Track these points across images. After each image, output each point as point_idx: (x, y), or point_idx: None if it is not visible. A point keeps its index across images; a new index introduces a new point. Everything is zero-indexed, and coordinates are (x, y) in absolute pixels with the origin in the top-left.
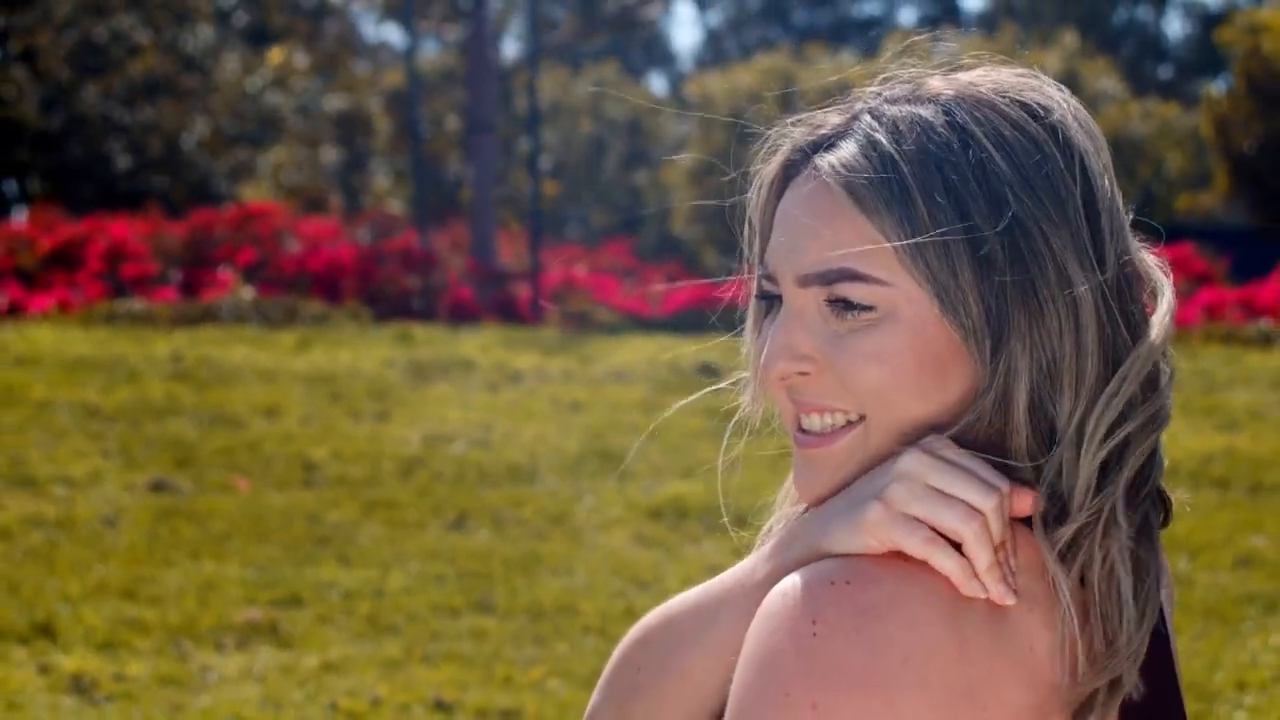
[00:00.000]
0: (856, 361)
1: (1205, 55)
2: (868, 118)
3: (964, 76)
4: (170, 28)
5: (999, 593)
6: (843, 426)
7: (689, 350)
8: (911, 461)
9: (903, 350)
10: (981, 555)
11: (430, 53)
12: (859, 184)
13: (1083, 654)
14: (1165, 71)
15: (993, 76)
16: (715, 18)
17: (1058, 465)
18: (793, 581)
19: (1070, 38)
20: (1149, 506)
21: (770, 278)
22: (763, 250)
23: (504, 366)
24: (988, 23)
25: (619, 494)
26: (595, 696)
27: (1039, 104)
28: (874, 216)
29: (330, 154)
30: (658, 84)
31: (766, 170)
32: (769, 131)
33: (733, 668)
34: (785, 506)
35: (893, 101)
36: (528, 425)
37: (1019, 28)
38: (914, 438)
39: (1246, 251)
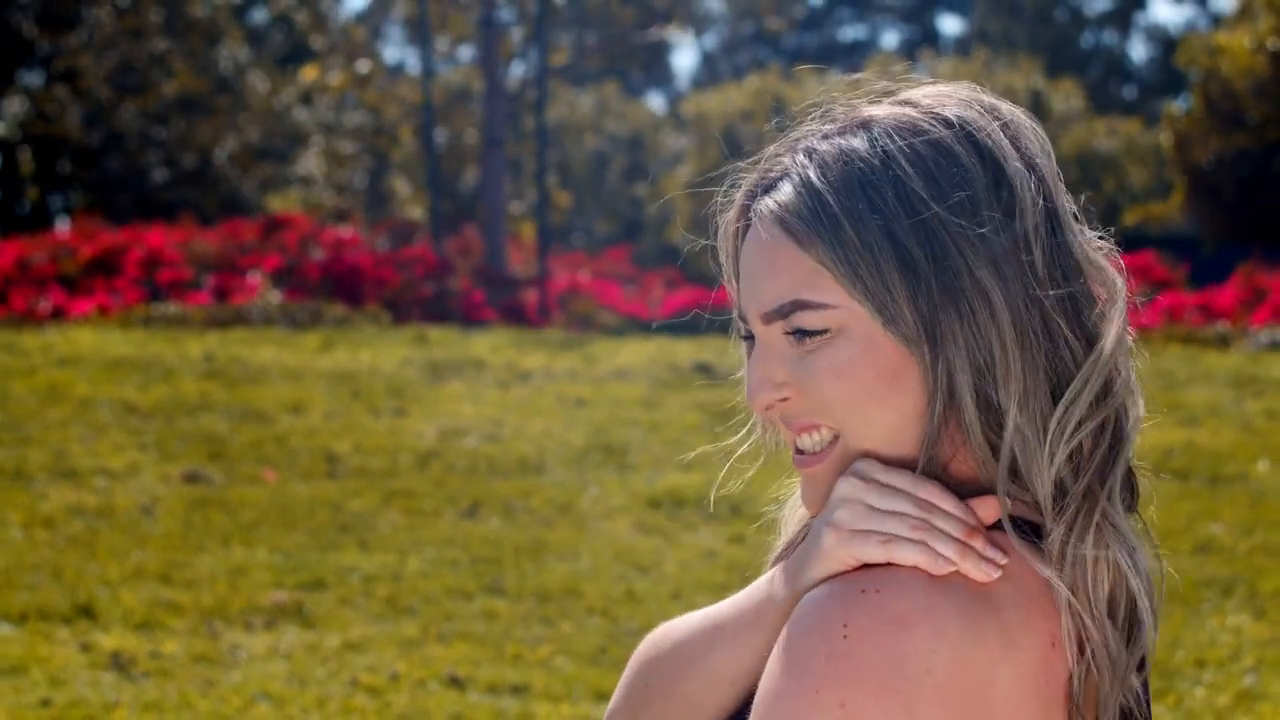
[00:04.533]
0: (818, 377)
1: (1166, 76)
2: (800, 156)
3: (903, 96)
4: (203, 51)
5: (979, 573)
6: (829, 444)
7: (685, 349)
8: (846, 487)
9: (857, 361)
10: (945, 549)
11: (449, 71)
12: (791, 221)
13: (1080, 646)
14: (1129, 92)
15: (929, 94)
16: (711, 40)
17: (1026, 471)
18: (825, 589)
19: (1033, 61)
20: (1122, 496)
21: (744, 319)
22: (739, 295)
23: (514, 366)
24: (963, 46)
25: (621, 485)
26: (614, 701)
27: (960, 117)
28: (809, 249)
29: (355, 165)
30: (656, 103)
31: (728, 219)
32: (726, 180)
33: (724, 695)
34: (791, 527)
35: (826, 136)
36: (536, 421)
37: (990, 51)
38: (893, 448)
39: (1204, 259)
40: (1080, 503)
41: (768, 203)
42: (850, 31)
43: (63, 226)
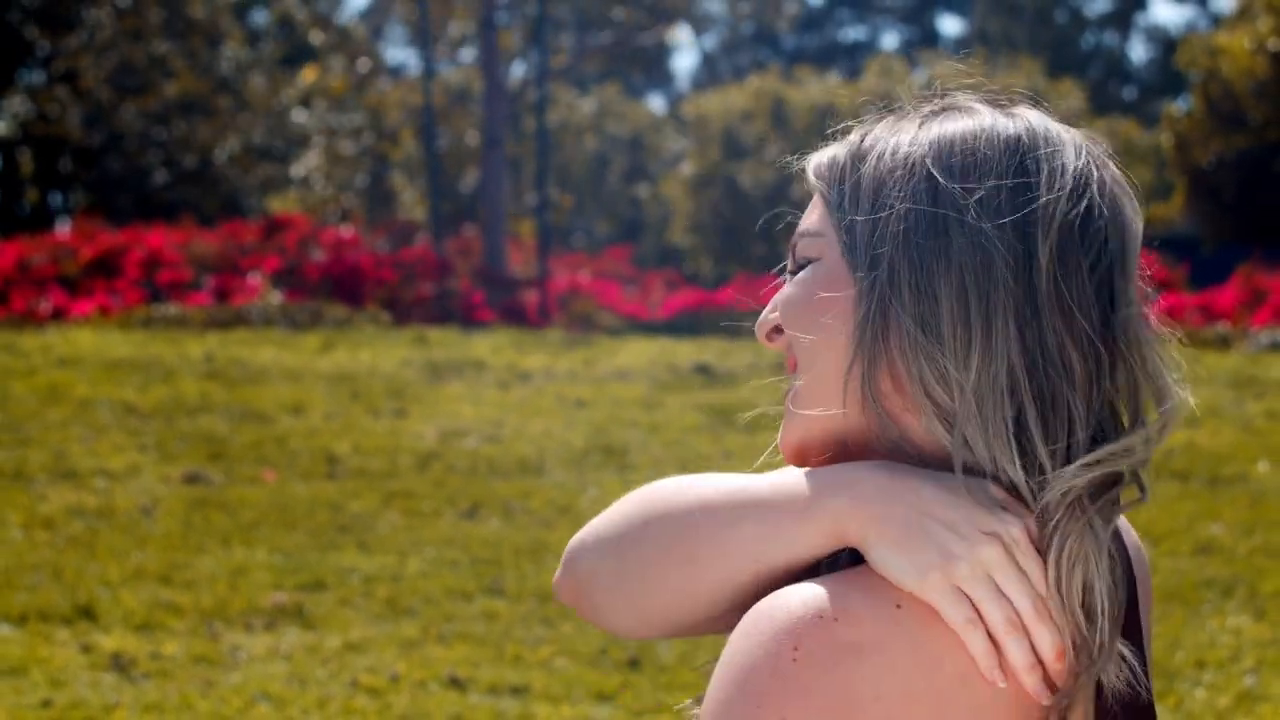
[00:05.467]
0: (787, 293)
1: (1167, 77)
2: (869, 121)
3: (1015, 108)
4: (204, 52)
5: (1036, 691)
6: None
7: (686, 350)
8: (990, 552)
9: (815, 283)
10: (1019, 658)
11: (449, 72)
12: (821, 167)
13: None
14: (1130, 92)
15: (1017, 110)
16: (711, 41)
17: (970, 439)
18: (784, 603)
19: (1033, 62)
20: (1106, 500)
21: None
22: None
23: (514, 367)
24: (963, 47)
25: (621, 485)
26: (599, 527)
27: (1019, 133)
28: (819, 185)
29: (356, 166)
30: (656, 104)
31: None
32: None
33: (738, 568)
34: None
35: (904, 111)
36: (536, 421)
37: (989, 51)
38: (834, 383)
39: (1204, 259)
40: (1066, 513)
41: (818, 154)
42: (850, 32)
43: (63, 227)
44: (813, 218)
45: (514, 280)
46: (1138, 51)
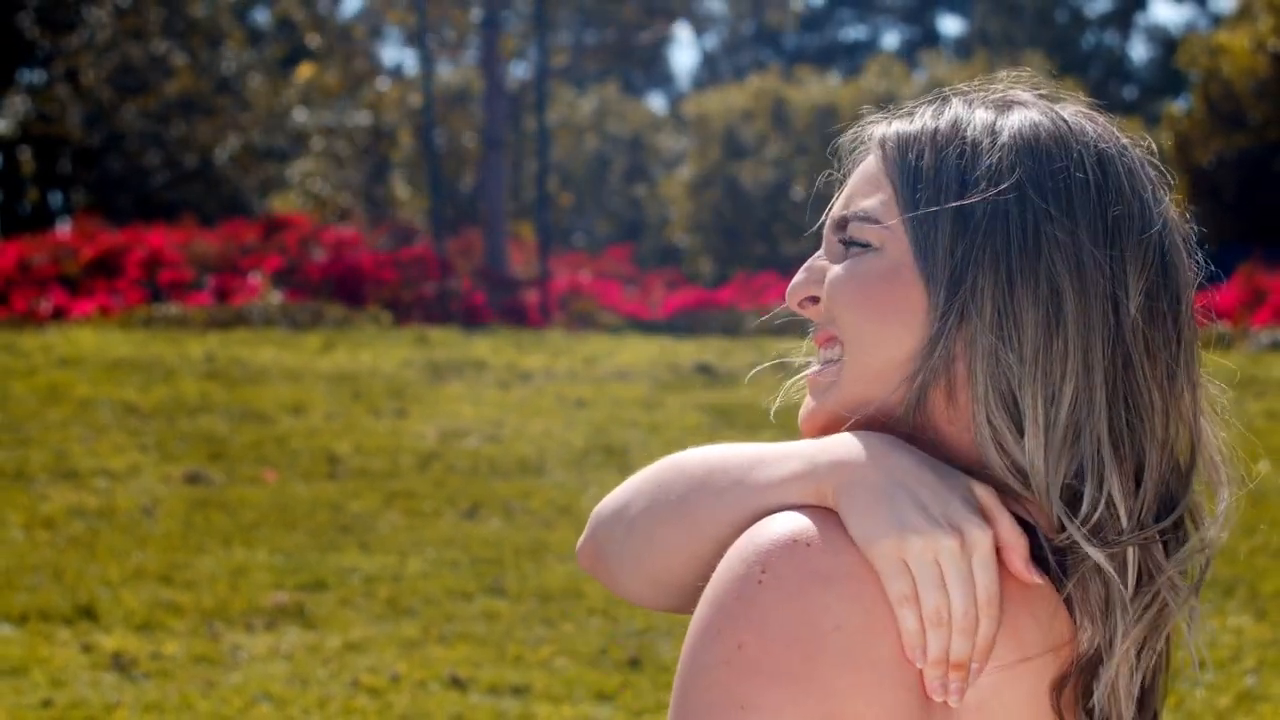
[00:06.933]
0: (839, 275)
1: (1167, 76)
2: (938, 103)
3: (1069, 105)
4: (204, 52)
5: (933, 687)
6: (836, 362)
7: (686, 350)
8: (946, 542)
9: (874, 278)
10: (934, 649)
11: (449, 72)
12: (889, 143)
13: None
14: (1130, 92)
15: (1071, 109)
16: (711, 41)
17: (1035, 482)
18: (767, 527)
19: (1034, 61)
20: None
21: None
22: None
23: (514, 366)
24: (963, 47)
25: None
26: (614, 497)
27: (1092, 135)
28: (891, 169)
29: (356, 165)
30: (657, 103)
31: (859, 141)
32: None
33: (724, 541)
34: None
35: (970, 99)
36: (536, 421)
37: (990, 51)
38: (882, 385)
39: (1204, 259)
40: (1149, 602)
41: (884, 127)
42: (851, 32)
43: (63, 227)
44: (874, 200)
45: (515, 280)
46: (1138, 51)
